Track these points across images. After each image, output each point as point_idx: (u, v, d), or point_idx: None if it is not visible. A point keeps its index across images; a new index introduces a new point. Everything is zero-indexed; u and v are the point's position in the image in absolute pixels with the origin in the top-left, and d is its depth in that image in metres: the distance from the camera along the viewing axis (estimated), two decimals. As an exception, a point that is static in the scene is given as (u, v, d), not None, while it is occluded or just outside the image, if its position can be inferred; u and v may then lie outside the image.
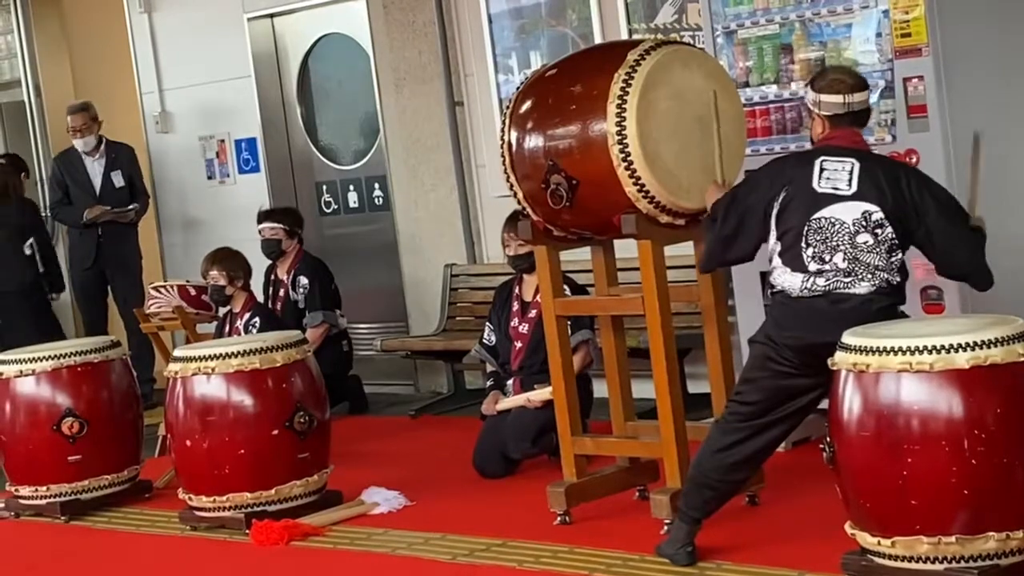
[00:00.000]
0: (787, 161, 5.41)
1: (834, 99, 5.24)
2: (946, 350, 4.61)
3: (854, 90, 5.25)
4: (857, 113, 5.27)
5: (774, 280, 5.25)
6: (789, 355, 5.16)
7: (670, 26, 8.11)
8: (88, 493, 7.21)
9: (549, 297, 6.06)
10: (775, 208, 5.22)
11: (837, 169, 5.16)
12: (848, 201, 5.12)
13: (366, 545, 6.21)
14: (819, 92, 5.27)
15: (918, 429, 4.63)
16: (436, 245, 9.38)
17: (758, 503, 6.00)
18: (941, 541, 4.64)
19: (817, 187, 5.16)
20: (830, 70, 5.51)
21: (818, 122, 5.31)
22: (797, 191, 5.18)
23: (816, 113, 5.30)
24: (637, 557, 5.51)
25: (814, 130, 5.36)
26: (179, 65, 10.70)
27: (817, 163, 5.19)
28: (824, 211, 5.13)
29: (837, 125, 5.25)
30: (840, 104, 5.23)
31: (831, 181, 5.15)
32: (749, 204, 5.29)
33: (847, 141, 5.24)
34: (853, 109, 5.25)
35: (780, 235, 5.22)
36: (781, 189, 5.22)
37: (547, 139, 5.80)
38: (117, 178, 10.07)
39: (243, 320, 8.12)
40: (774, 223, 5.23)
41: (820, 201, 5.14)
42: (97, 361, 7.23)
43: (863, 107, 5.29)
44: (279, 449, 6.54)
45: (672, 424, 5.76)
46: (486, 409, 7.25)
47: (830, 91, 5.25)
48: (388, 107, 9.53)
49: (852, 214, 5.11)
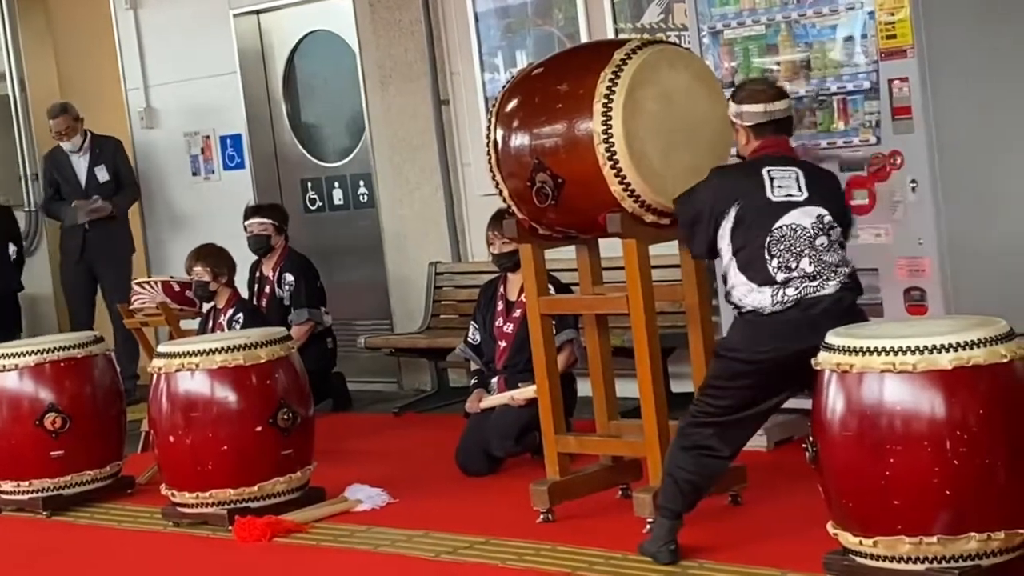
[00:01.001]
0: (729, 173, 5.44)
1: (755, 108, 5.34)
2: (929, 351, 4.62)
3: (774, 99, 5.36)
4: (779, 121, 5.37)
5: (740, 300, 5.26)
6: (762, 368, 5.18)
7: (656, 26, 8.12)
8: (70, 489, 7.20)
9: (534, 296, 6.07)
10: (726, 223, 5.25)
11: (786, 177, 5.26)
12: (804, 206, 5.21)
13: (349, 542, 6.21)
14: (740, 103, 5.38)
15: (901, 429, 4.64)
16: (421, 243, 9.38)
17: (741, 502, 6.01)
18: (923, 541, 4.65)
19: (772, 197, 5.22)
20: (749, 82, 5.65)
21: (742, 133, 5.41)
22: (750, 204, 5.22)
23: (739, 124, 5.39)
24: (620, 555, 5.52)
25: (739, 142, 5.45)
26: (165, 61, 10.68)
27: (764, 173, 5.25)
28: (784, 219, 5.19)
29: (761, 134, 5.35)
30: (761, 113, 5.33)
31: (783, 189, 5.23)
32: (696, 214, 5.37)
33: (783, 149, 5.36)
34: (775, 117, 5.35)
35: (736, 250, 5.24)
36: (731, 205, 5.25)
37: (533, 137, 5.80)
38: (101, 172, 10.06)
39: (227, 316, 8.11)
40: (728, 240, 5.25)
41: (778, 210, 5.20)
42: (80, 356, 7.22)
43: (785, 115, 5.39)
44: (263, 446, 6.53)
45: (655, 423, 5.77)
46: (470, 407, 7.26)
47: (751, 101, 5.36)
48: (374, 105, 9.52)
49: (809, 218, 5.20)
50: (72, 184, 10.04)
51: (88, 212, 9.94)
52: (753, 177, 5.25)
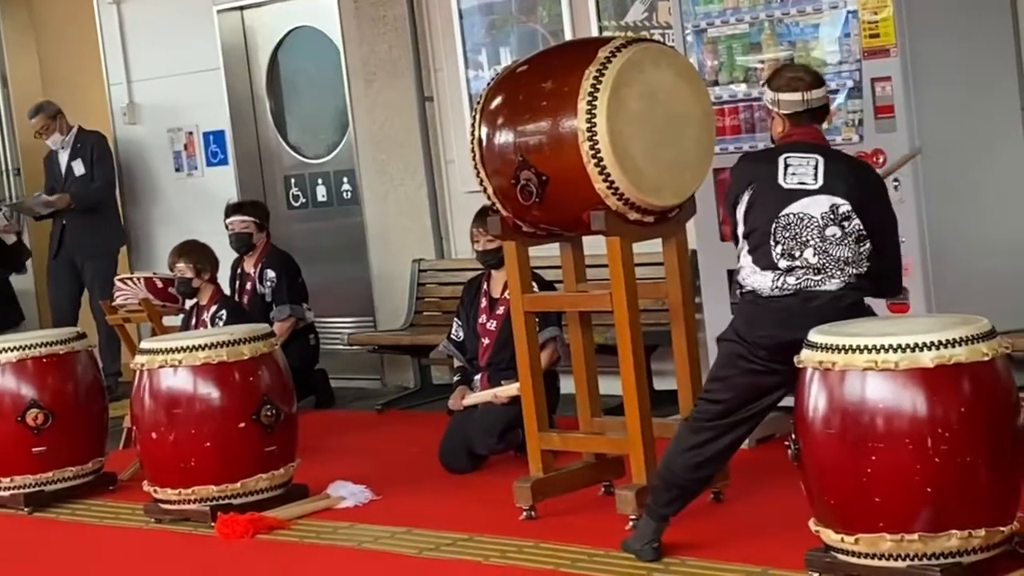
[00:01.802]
0: (751, 159, 5.46)
1: (793, 97, 5.27)
2: (911, 349, 4.64)
3: (811, 87, 5.28)
4: (815, 110, 5.31)
5: (743, 280, 5.27)
6: (761, 353, 5.18)
7: (640, 24, 8.13)
8: (52, 485, 7.18)
9: (517, 293, 6.07)
10: (741, 206, 5.26)
11: (802, 164, 5.20)
12: (816, 195, 5.15)
13: (332, 539, 6.21)
14: (777, 91, 5.31)
15: (882, 427, 4.65)
16: (404, 240, 9.38)
17: (723, 500, 6.02)
18: (904, 539, 4.67)
19: (783, 183, 5.18)
20: (786, 68, 5.53)
21: (778, 121, 5.34)
22: (762, 189, 5.21)
23: (776, 112, 5.33)
24: (602, 552, 5.53)
25: (774, 129, 5.39)
26: (147, 57, 10.66)
27: (781, 160, 5.23)
28: (792, 206, 5.15)
29: (797, 123, 5.29)
30: (799, 101, 5.27)
31: (797, 176, 5.18)
32: (726, 200, 5.41)
33: (809, 137, 5.29)
34: (812, 106, 5.29)
35: (747, 233, 5.24)
36: (746, 187, 5.25)
37: (517, 135, 5.80)
38: (78, 166, 10.04)
39: (210, 313, 8.11)
40: (741, 221, 5.27)
41: (788, 197, 5.17)
42: (63, 353, 7.21)
43: (821, 103, 5.33)
44: (245, 442, 6.53)
45: (638, 420, 5.78)
46: (453, 404, 7.25)
47: (788, 89, 5.28)
48: (358, 101, 9.52)
49: (820, 208, 5.13)
50: (56, 179, 10.04)
51: (43, 204, 9.90)
52: (771, 162, 5.24)
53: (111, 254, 10.11)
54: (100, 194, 10.08)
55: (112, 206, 10.24)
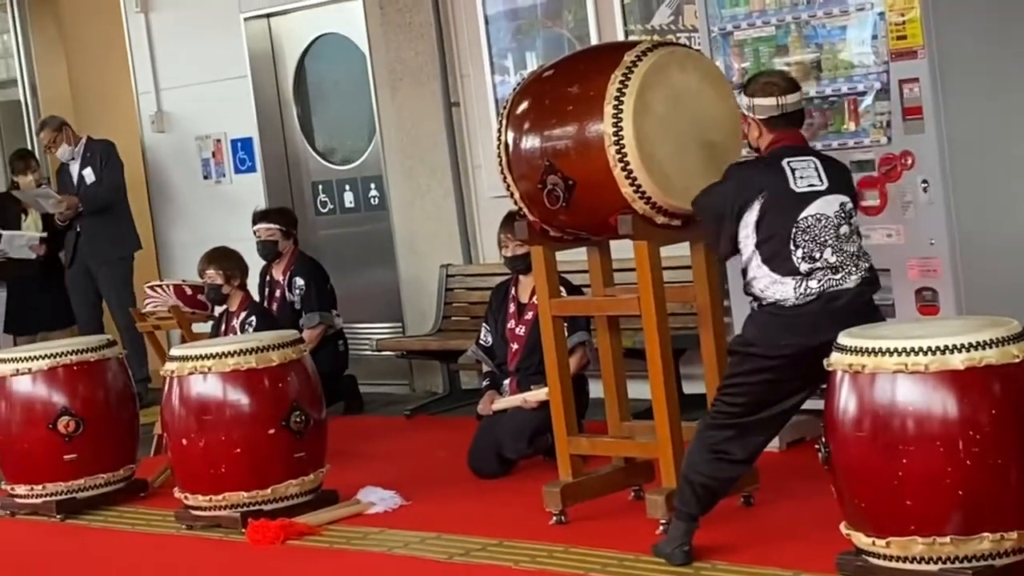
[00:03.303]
0: (750, 167, 5.44)
1: (767, 102, 5.33)
2: (941, 351, 4.63)
3: (786, 92, 5.35)
4: (791, 114, 5.37)
5: (761, 291, 5.25)
6: (782, 363, 5.17)
7: (666, 28, 8.13)
8: (84, 492, 7.22)
9: (545, 297, 6.07)
10: (750, 215, 5.24)
11: (805, 167, 5.28)
12: (827, 195, 5.23)
13: (362, 545, 6.22)
14: (752, 96, 5.38)
15: (913, 430, 4.64)
16: (432, 245, 9.39)
17: (753, 503, 6.01)
18: (936, 542, 4.65)
19: (795, 188, 5.22)
20: (762, 75, 5.61)
21: (754, 127, 5.40)
22: (775, 196, 5.22)
23: (751, 117, 5.38)
24: (632, 557, 5.52)
25: (751, 135, 5.45)
26: (175, 64, 10.70)
27: (785, 165, 5.26)
28: (809, 209, 5.20)
29: (774, 127, 5.35)
30: (774, 106, 5.33)
31: (805, 179, 5.24)
32: (720, 212, 5.34)
33: (797, 141, 5.37)
34: (787, 111, 5.35)
35: (760, 242, 5.23)
36: (754, 197, 5.24)
37: (544, 140, 5.81)
38: (89, 175, 10.06)
39: (239, 319, 8.12)
40: (752, 231, 5.25)
41: (803, 201, 5.21)
42: (93, 360, 7.24)
43: (796, 108, 5.38)
44: (275, 448, 6.55)
45: (667, 424, 5.77)
46: (482, 409, 7.26)
47: (763, 94, 5.35)
48: (384, 107, 9.53)
49: (832, 207, 5.22)
50: (69, 191, 10.05)
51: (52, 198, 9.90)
52: (775, 169, 5.26)
53: (124, 259, 10.10)
54: (107, 196, 10.02)
55: (124, 211, 10.18)
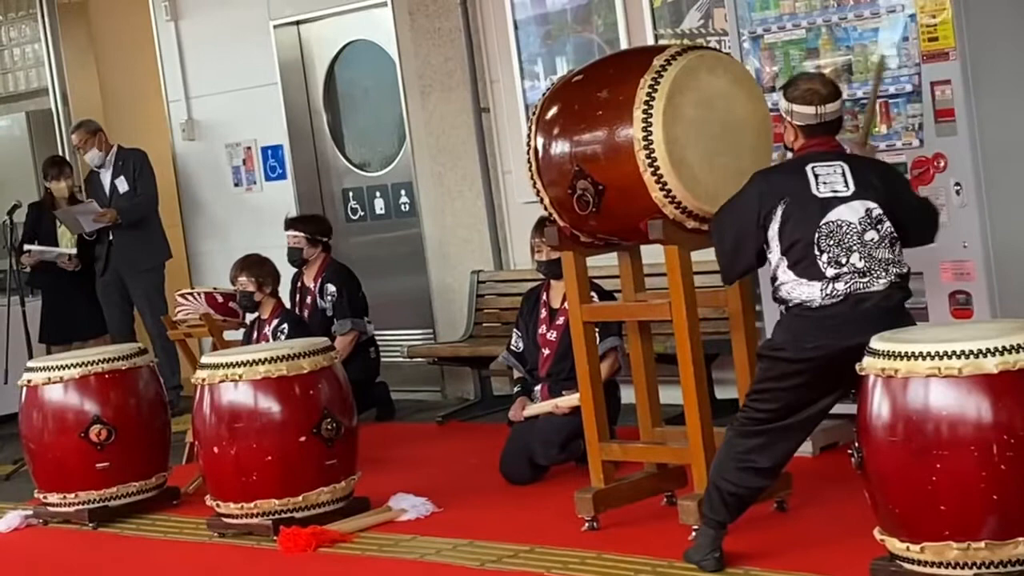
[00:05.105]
0: (773, 174, 5.39)
1: (807, 110, 5.25)
2: (975, 355, 4.59)
3: (826, 101, 5.25)
4: (829, 123, 5.28)
5: (788, 294, 5.21)
6: (810, 366, 5.13)
7: (696, 31, 8.11)
8: (116, 500, 7.23)
9: (576, 303, 6.06)
10: (774, 223, 5.20)
11: (830, 172, 5.19)
12: (850, 201, 5.15)
13: (394, 552, 6.21)
14: (792, 102, 5.29)
15: (947, 434, 4.61)
16: (463, 251, 9.39)
17: (786, 509, 5.98)
18: (970, 547, 4.62)
19: (817, 193, 5.17)
20: (803, 79, 5.46)
21: (790, 130, 5.33)
22: (797, 203, 5.17)
23: (788, 121, 5.32)
24: (665, 563, 5.50)
25: (787, 137, 5.39)
26: (205, 73, 10.74)
27: (808, 170, 5.20)
28: (831, 215, 5.13)
29: (811, 135, 5.27)
30: (812, 115, 5.25)
31: (828, 185, 5.17)
32: (743, 222, 5.28)
33: (827, 146, 5.29)
34: (825, 120, 5.26)
35: (786, 249, 5.18)
36: (777, 204, 5.20)
37: (573, 145, 5.80)
38: (122, 184, 10.06)
39: (271, 327, 8.12)
40: (776, 239, 5.21)
41: (825, 206, 5.15)
42: (125, 368, 7.26)
43: (835, 117, 5.29)
44: (306, 456, 6.55)
45: (700, 430, 5.75)
46: (513, 415, 7.25)
47: (803, 102, 5.26)
48: (414, 114, 9.54)
49: (856, 213, 5.14)
50: (100, 199, 10.06)
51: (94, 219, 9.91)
52: (798, 175, 5.21)
53: (156, 268, 10.11)
54: (144, 208, 10.05)
55: (155, 221, 10.20)
